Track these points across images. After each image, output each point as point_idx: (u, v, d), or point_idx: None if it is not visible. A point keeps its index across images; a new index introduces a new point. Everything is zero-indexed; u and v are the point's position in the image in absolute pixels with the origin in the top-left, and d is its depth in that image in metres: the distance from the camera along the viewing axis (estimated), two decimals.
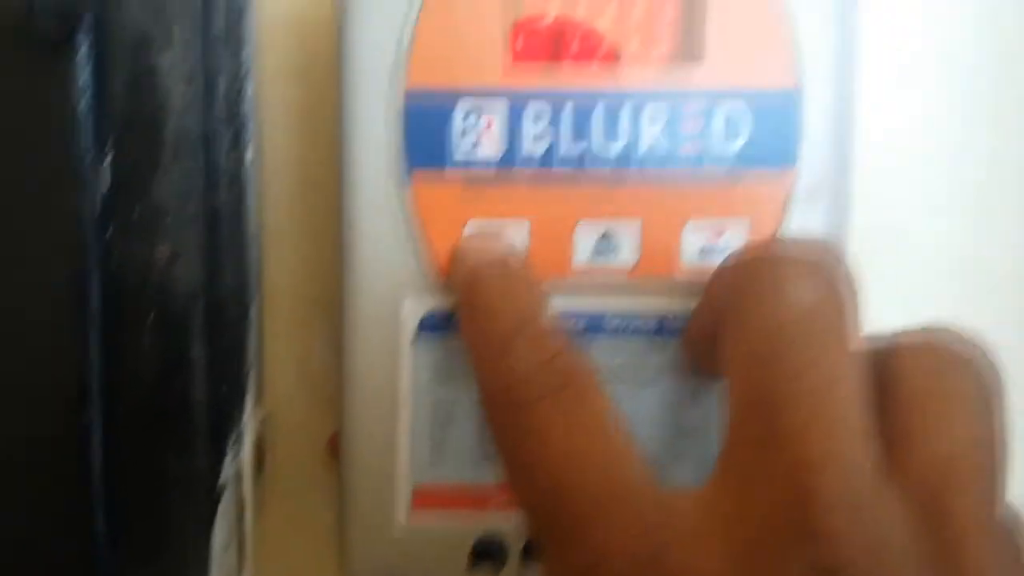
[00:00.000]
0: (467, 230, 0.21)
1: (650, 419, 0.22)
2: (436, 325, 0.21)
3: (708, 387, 0.22)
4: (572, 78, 0.21)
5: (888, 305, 0.20)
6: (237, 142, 0.21)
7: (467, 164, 0.21)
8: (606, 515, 0.15)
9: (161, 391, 0.20)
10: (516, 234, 0.21)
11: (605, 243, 0.21)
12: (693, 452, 0.22)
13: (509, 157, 0.21)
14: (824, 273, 0.17)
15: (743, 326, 0.17)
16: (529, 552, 0.22)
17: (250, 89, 0.21)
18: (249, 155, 0.22)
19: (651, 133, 0.21)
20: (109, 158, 0.16)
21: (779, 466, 0.15)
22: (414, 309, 0.21)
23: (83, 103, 0.16)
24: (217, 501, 0.21)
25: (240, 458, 0.22)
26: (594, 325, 0.21)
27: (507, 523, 0.22)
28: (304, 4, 0.27)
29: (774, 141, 0.21)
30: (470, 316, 0.19)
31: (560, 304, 0.21)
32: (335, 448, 0.22)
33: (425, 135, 0.21)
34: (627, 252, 0.21)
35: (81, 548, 0.16)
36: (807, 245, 0.18)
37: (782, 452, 0.15)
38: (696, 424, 0.22)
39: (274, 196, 0.27)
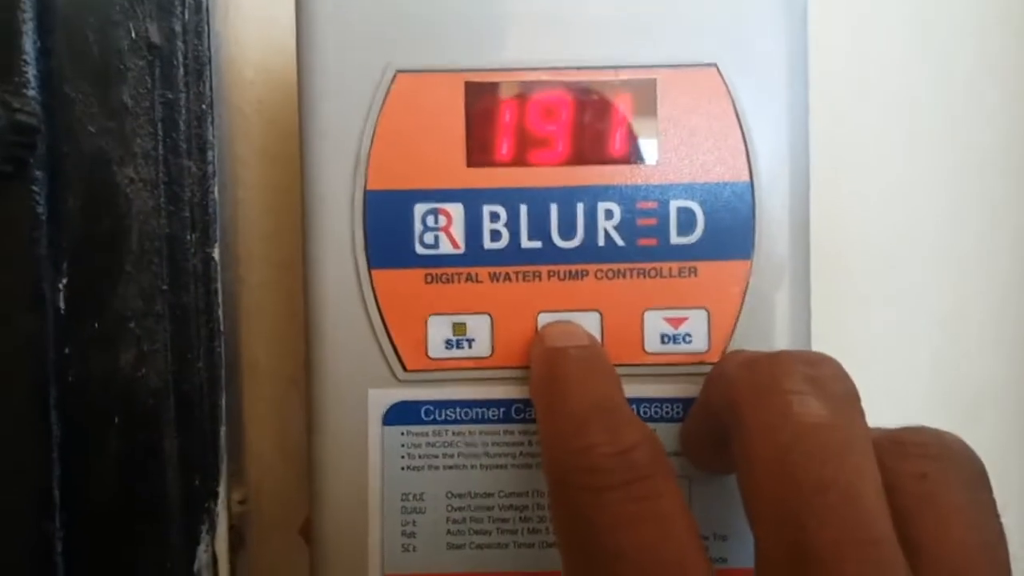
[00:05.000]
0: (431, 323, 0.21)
1: None
2: (402, 415, 0.22)
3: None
4: (528, 178, 0.21)
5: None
6: (204, 242, 0.22)
7: (428, 261, 0.21)
8: None
9: (133, 488, 0.20)
10: (479, 326, 0.21)
11: None
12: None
13: (469, 254, 0.21)
14: (828, 383, 0.17)
15: (753, 440, 0.17)
16: None
17: (215, 190, 0.22)
18: (216, 253, 0.22)
19: (607, 228, 0.21)
20: (64, 280, 0.17)
21: None
22: (380, 400, 0.22)
23: (38, 232, 0.16)
24: None
25: (215, 544, 0.23)
26: None
27: None
28: (269, 87, 0.27)
29: (729, 233, 0.21)
30: (548, 392, 0.19)
31: (528, 392, 0.21)
32: (308, 534, 0.23)
33: (386, 234, 0.21)
34: None
35: None
36: (807, 356, 0.18)
37: (822, 569, 0.15)
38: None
39: (251, 279, 0.27)
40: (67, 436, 0.17)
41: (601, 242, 0.21)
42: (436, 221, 0.21)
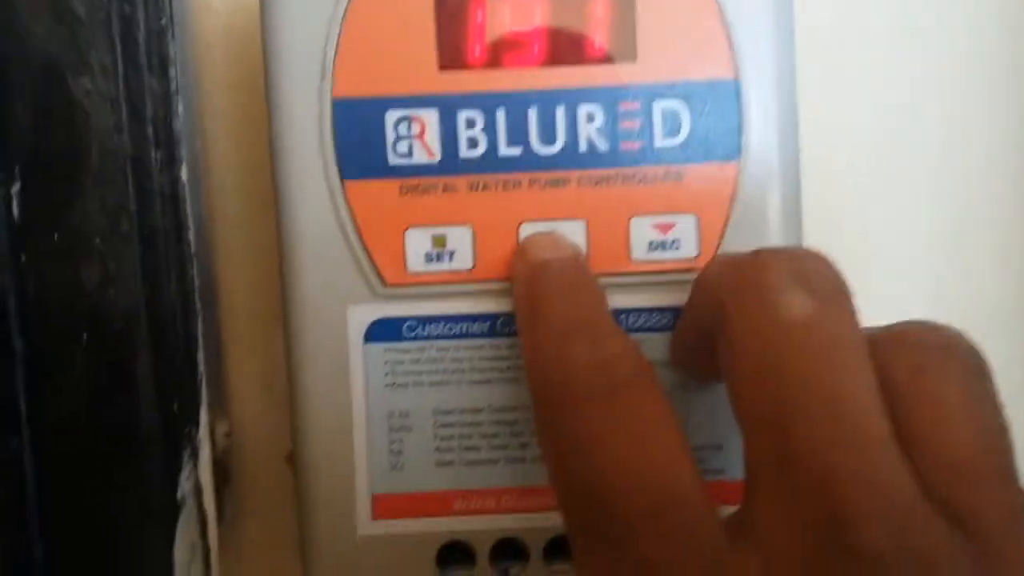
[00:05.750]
0: (410, 236, 0.21)
1: None
2: (384, 332, 0.21)
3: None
4: (504, 81, 0.20)
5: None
6: (170, 162, 0.21)
7: (402, 171, 0.20)
8: (655, 526, 0.15)
9: (104, 411, 0.20)
10: (459, 238, 0.21)
11: None
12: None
13: (446, 162, 0.20)
14: (815, 278, 0.16)
15: (737, 340, 0.16)
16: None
17: (180, 108, 0.21)
18: (183, 173, 0.21)
19: (589, 132, 0.20)
20: (17, 186, 0.16)
21: (806, 484, 0.14)
22: (360, 317, 0.21)
23: None
24: (175, 516, 0.22)
25: (198, 472, 0.22)
26: None
27: (470, 527, 0.22)
28: (237, 16, 0.26)
29: (716, 134, 0.21)
30: (530, 308, 0.19)
31: (513, 305, 0.21)
32: (293, 462, 0.22)
33: (357, 144, 0.20)
34: None
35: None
36: (792, 252, 0.17)
37: (806, 469, 0.14)
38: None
39: (225, 212, 0.26)
40: (30, 351, 0.16)
41: (583, 147, 0.20)
42: (409, 129, 0.20)
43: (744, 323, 0.16)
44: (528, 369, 0.18)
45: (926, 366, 0.16)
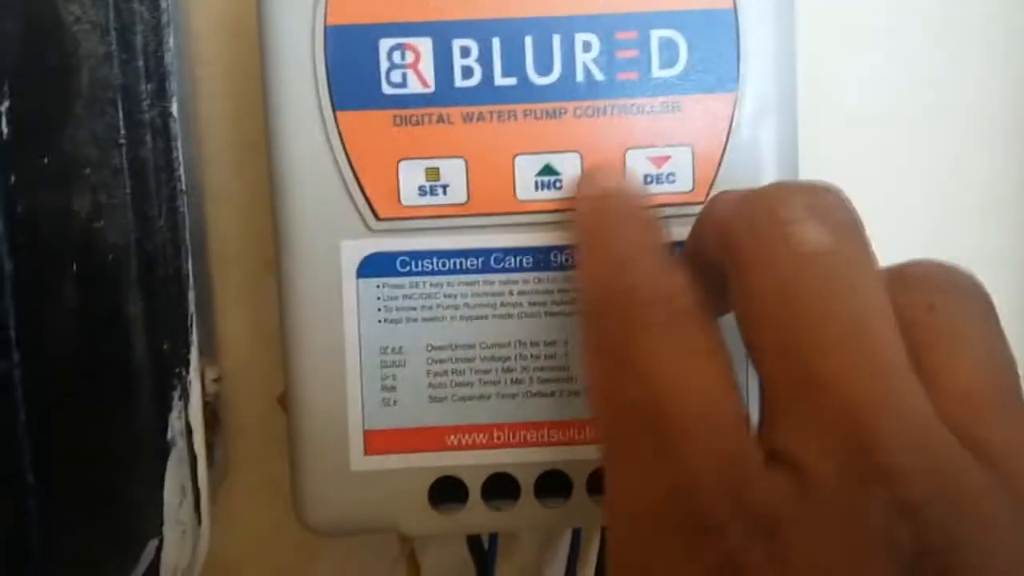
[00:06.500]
0: (400, 169, 0.20)
1: None
2: (378, 267, 0.21)
3: None
4: (500, 8, 0.20)
5: None
6: (161, 95, 0.21)
7: (396, 101, 0.20)
8: (699, 442, 0.15)
9: (94, 345, 0.19)
10: (453, 171, 0.20)
11: (547, 176, 0.21)
12: None
13: (440, 92, 0.20)
14: (829, 211, 0.16)
15: (751, 276, 0.16)
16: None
17: (171, 42, 0.21)
18: (174, 108, 0.21)
19: (586, 62, 0.20)
20: (7, 103, 0.16)
21: (831, 411, 0.14)
22: (353, 251, 0.21)
23: None
24: (165, 456, 0.21)
25: (189, 413, 0.22)
26: (543, 260, 0.21)
27: (462, 462, 0.21)
28: None
29: (713, 64, 0.20)
30: (595, 232, 0.19)
31: (507, 240, 0.21)
32: (285, 403, 0.22)
33: (349, 74, 0.20)
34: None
35: (7, 506, 0.16)
36: (807, 186, 0.17)
37: (831, 397, 0.14)
38: None
39: (217, 158, 0.26)
40: (19, 274, 0.16)
41: (580, 77, 0.20)
42: (403, 57, 0.20)
43: (760, 255, 0.16)
44: (584, 291, 0.18)
45: (936, 304, 0.16)
